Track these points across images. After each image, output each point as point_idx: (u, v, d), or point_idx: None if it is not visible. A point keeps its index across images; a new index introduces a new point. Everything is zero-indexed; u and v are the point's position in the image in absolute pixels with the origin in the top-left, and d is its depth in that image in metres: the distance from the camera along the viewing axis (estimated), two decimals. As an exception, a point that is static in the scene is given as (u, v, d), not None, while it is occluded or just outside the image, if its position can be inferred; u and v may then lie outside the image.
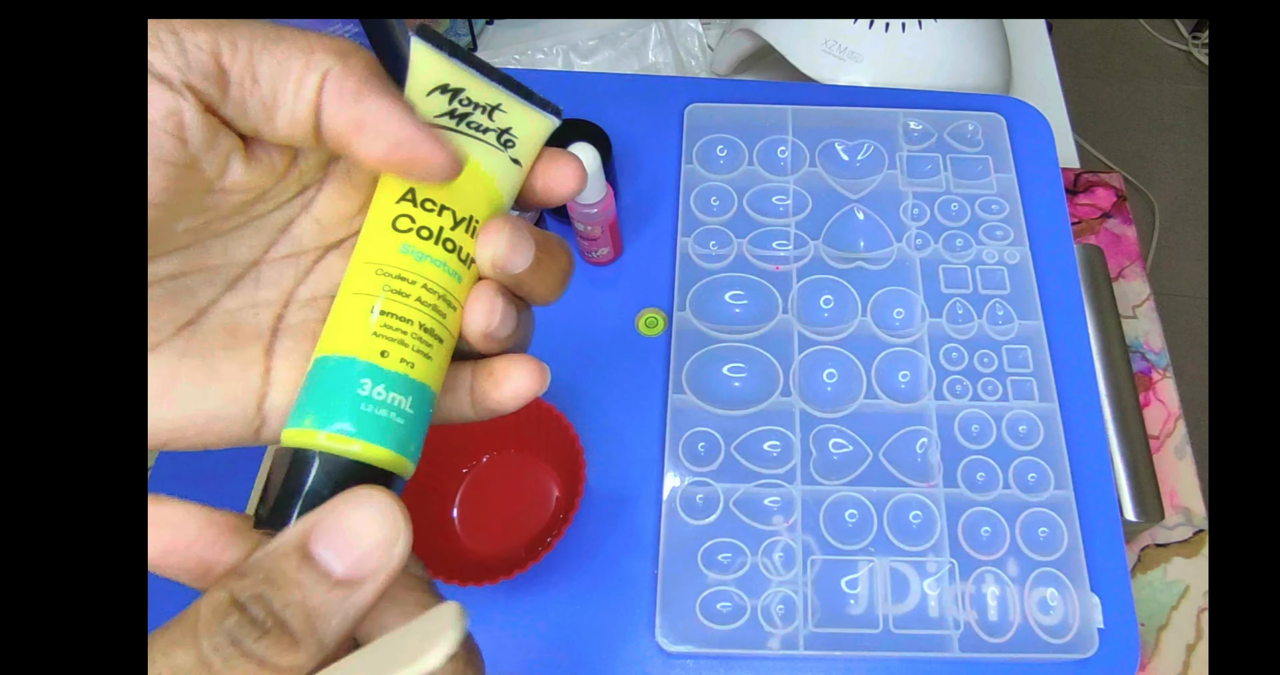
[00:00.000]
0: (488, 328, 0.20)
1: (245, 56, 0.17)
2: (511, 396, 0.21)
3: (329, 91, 0.17)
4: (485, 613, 0.42)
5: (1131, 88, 1.62)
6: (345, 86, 0.18)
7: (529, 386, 0.21)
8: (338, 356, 0.18)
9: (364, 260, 0.19)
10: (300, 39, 0.17)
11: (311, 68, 0.17)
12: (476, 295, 0.20)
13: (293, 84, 0.17)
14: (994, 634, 0.41)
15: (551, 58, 0.66)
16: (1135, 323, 0.57)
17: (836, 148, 0.54)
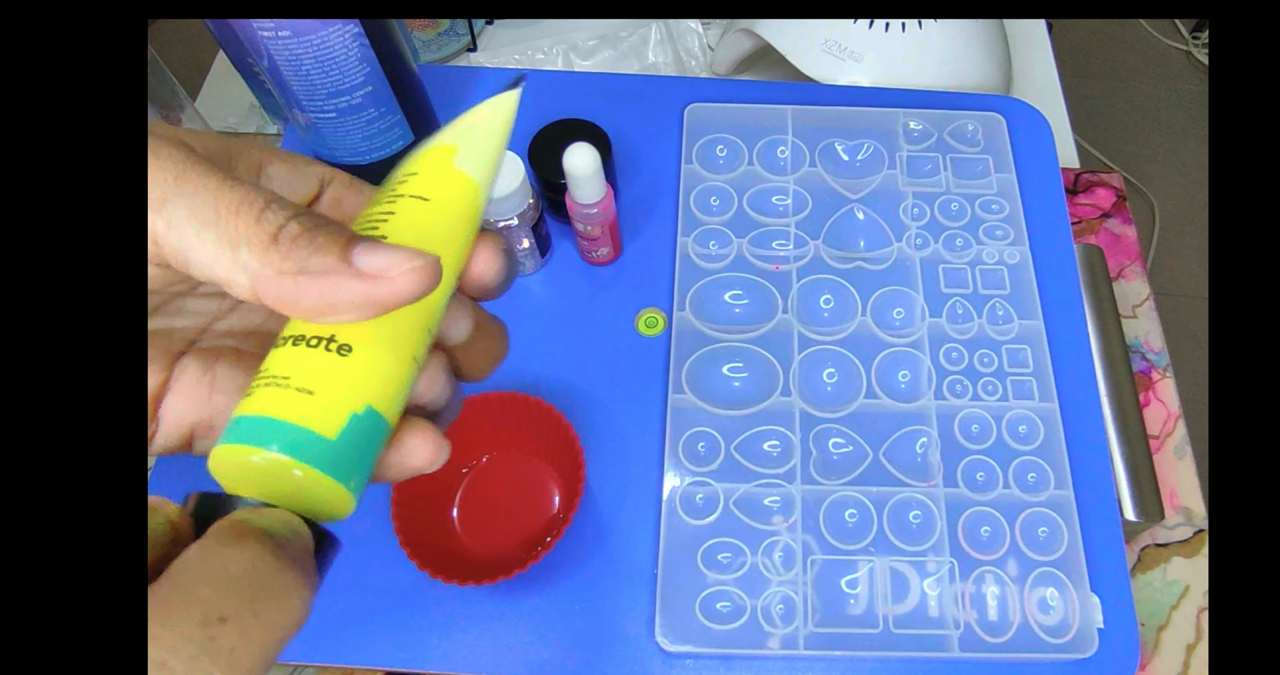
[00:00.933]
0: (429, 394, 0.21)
1: (174, 235, 0.17)
2: (405, 467, 0.20)
3: (266, 292, 0.17)
4: (485, 613, 0.42)
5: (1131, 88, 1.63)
6: (280, 283, 0.17)
7: (425, 457, 0.20)
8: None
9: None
10: (228, 228, 0.17)
11: (240, 267, 0.17)
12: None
13: (223, 275, 0.17)
14: (994, 634, 0.41)
15: (551, 58, 0.66)
16: (1135, 323, 0.57)
17: (836, 148, 0.54)
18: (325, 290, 0.17)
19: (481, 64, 0.65)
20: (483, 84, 0.56)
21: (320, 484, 0.18)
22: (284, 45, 0.41)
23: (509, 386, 0.43)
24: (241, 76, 0.48)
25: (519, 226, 0.46)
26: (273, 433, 0.17)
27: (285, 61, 0.41)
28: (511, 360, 0.49)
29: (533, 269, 0.50)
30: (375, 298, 0.17)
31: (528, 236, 0.47)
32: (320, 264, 0.17)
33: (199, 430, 0.21)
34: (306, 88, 0.43)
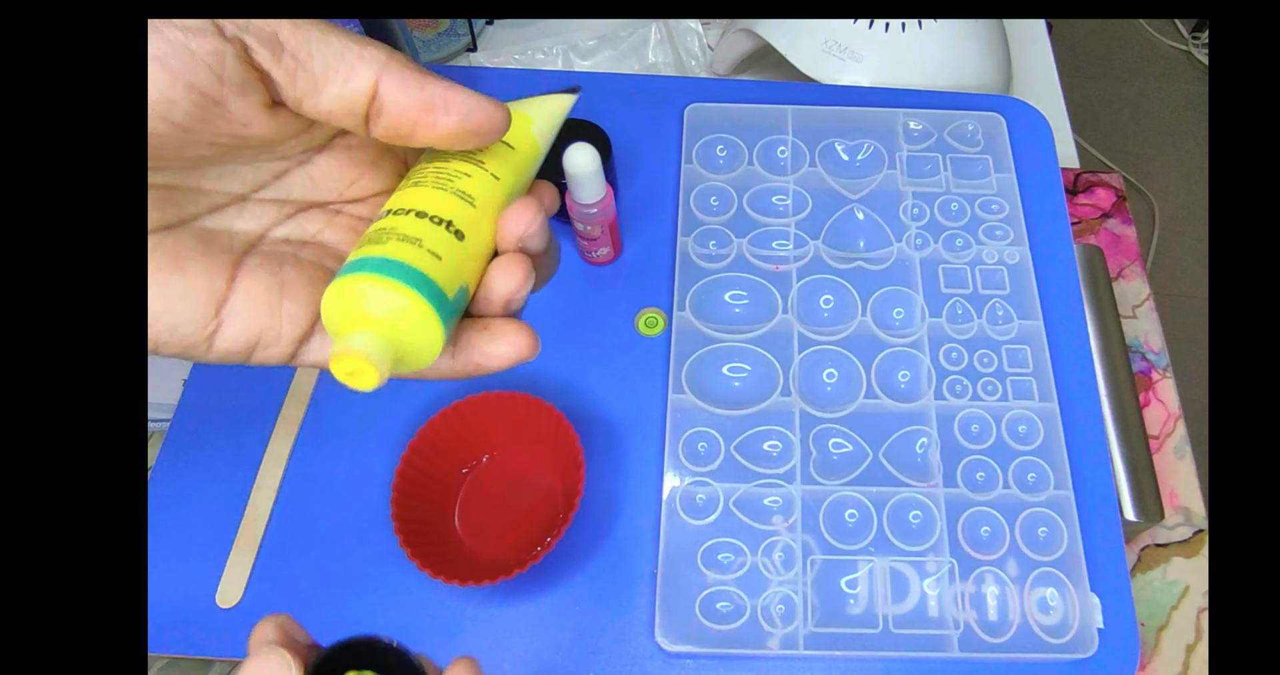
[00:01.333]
0: (524, 233, 0.22)
1: (303, 37, 0.19)
2: (502, 355, 0.22)
3: (389, 82, 0.20)
4: (485, 613, 0.42)
5: (1131, 88, 1.63)
6: (406, 76, 0.20)
7: (521, 350, 0.22)
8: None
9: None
10: (354, 36, 0.20)
11: (365, 60, 0.19)
12: (516, 207, 0.22)
13: (345, 70, 0.19)
14: (994, 634, 0.41)
15: (551, 58, 0.66)
16: (1135, 323, 0.57)
17: (836, 148, 0.54)
18: (440, 94, 0.20)
19: (481, 64, 0.65)
20: (483, 84, 0.56)
21: (429, 329, 0.20)
22: (284, 45, 0.40)
23: (509, 386, 0.44)
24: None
25: (519, 226, 0.46)
26: (407, 274, 0.20)
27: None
28: (511, 360, 0.49)
29: (533, 269, 0.50)
30: (478, 123, 0.20)
31: (528, 236, 0.47)
32: (435, 78, 0.20)
33: (266, 337, 0.21)
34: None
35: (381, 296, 0.20)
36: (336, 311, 0.20)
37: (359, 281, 0.20)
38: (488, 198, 0.22)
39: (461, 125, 0.21)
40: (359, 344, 0.19)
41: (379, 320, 0.20)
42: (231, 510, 0.44)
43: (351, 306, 0.20)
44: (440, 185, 0.22)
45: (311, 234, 0.23)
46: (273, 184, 0.23)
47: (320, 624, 0.42)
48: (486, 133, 0.21)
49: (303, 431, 0.46)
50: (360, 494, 0.44)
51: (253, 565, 0.42)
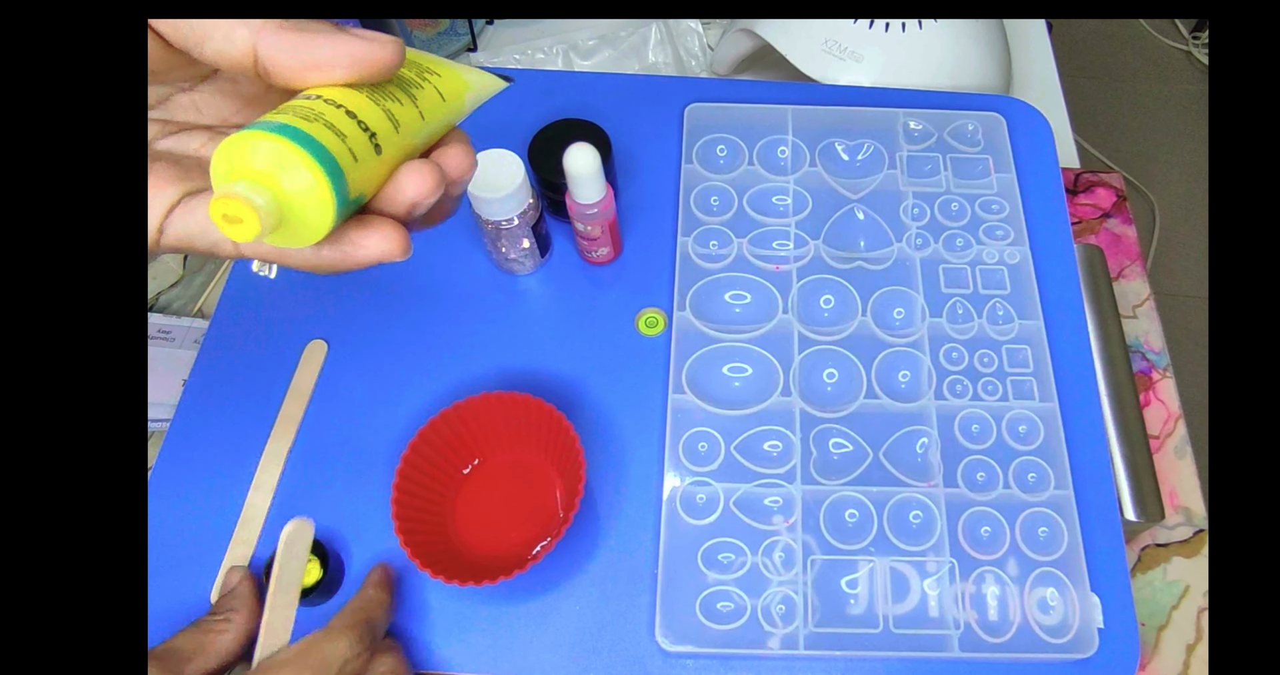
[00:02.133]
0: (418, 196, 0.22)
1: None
2: (371, 246, 0.22)
3: (267, 46, 0.20)
4: (485, 613, 0.42)
5: (1131, 88, 1.63)
6: (285, 39, 0.20)
7: (392, 245, 0.22)
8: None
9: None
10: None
11: (243, 22, 0.20)
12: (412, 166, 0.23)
13: (222, 30, 0.20)
14: (994, 634, 0.41)
15: (551, 58, 0.66)
16: (1135, 323, 0.57)
17: (836, 148, 0.54)
18: (328, 44, 0.20)
19: (481, 64, 0.65)
20: (483, 84, 0.56)
21: (322, 206, 0.20)
22: (284, 45, 0.40)
23: (509, 386, 0.44)
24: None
25: (519, 226, 0.46)
26: (319, 152, 0.19)
27: (285, 61, 0.41)
28: (512, 360, 0.49)
29: (532, 269, 0.50)
30: (367, 55, 0.21)
31: (527, 236, 0.47)
32: (318, 28, 0.20)
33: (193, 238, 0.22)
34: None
35: (283, 157, 0.19)
36: (228, 161, 0.19)
37: (265, 138, 0.19)
38: (410, 129, 0.23)
39: (350, 75, 0.21)
40: (244, 189, 0.19)
41: (271, 176, 0.19)
42: (230, 510, 0.44)
43: (247, 160, 0.19)
44: (374, 99, 0.22)
45: (194, 149, 0.24)
46: (157, 107, 0.24)
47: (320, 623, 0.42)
48: (381, 72, 0.21)
49: (302, 431, 0.46)
50: (359, 494, 0.44)
51: (249, 565, 0.42)
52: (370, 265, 0.22)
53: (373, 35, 0.21)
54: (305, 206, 0.20)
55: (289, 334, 0.48)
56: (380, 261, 0.22)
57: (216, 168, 0.19)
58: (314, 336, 0.48)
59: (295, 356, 0.48)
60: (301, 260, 0.22)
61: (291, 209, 0.19)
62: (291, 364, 0.48)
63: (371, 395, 0.47)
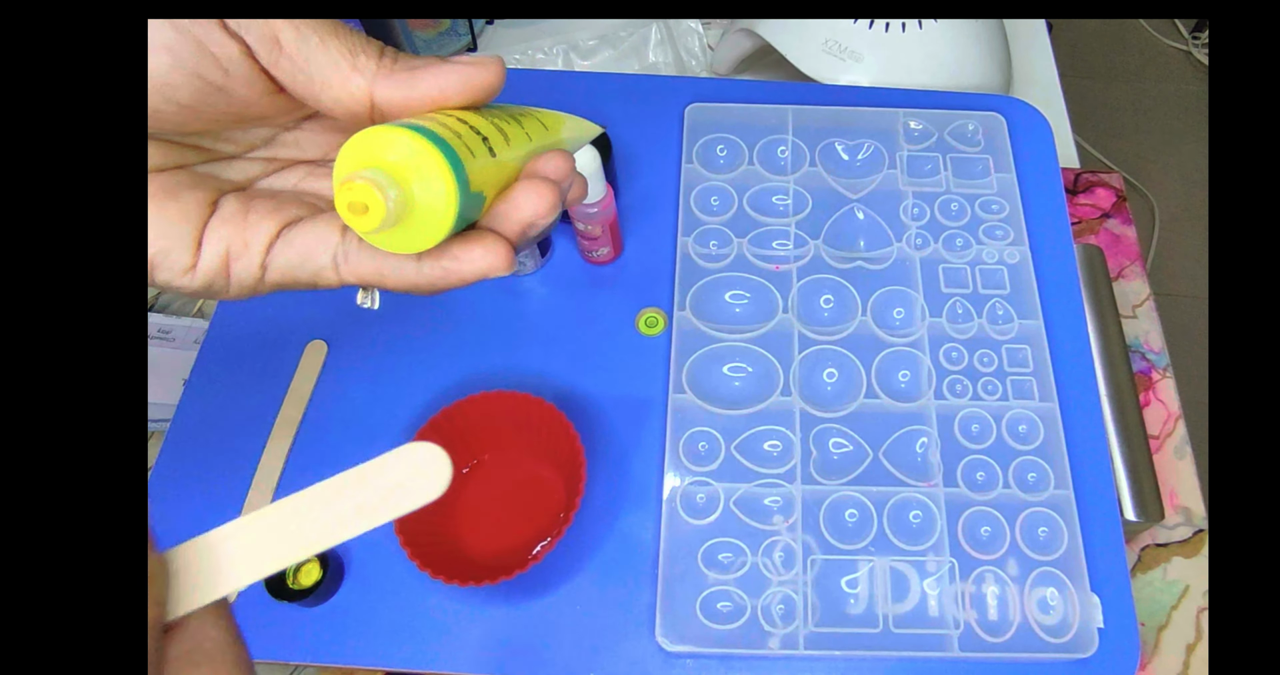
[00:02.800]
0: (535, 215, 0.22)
1: (300, 42, 0.20)
2: (475, 259, 0.21)
3: (382, 89, 0.21)
4: (485, 613, 0.42)
5: (1131, 88, 1.63)
6: (398, 80, 0.21)
7: (497, 259, 0.22)
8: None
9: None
10: (351, 39, 0.21)
11: (359, 70, 0.21)
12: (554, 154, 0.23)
13: (338, 80, 0.21)
14: (994, 634, 0.41)
15: (551, 58, 0.66)
16: (1135, 323, 0.57)
17: (836, 147, 0.54)
18: (433, 75, 0.21)
19: (481, 64, 0.65)
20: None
21: (445, 197, 0.20)
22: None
23: (509, 386, 0.44)
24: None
25: (519, 226, 0.46)
26: (439, 142, 0.19)
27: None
28: (512, 360, 0.49)
29: (533, 269, 0.50)
30: (473, 78, 0.21)
31: (528, 236, 0.47)
32: (424, 62, 0.21)
33: (234, 250, 0.22)
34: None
35: (409, 146, 0.19)
36: (354, 155, 0.20)
37: (390, 131, 0.19)
38: (518, 143, 0.23)
39: (461, 99, 0.22)
40: (374, 174, 0.19)
41: (395, 165, 0.19)
42: (230, 510, 0.44)
43: (374, 152, 0.19)
44: (483, 115, 0.22)
45: (293, 183, 0.25)
46: (262, 147, 0.24)
47: (320, 624, 0.42)
48: (488, 90, 0.22)
49: (301, 431, 0.46)
50: (360, 494, 0.44)
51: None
52: (472, 281, 0.22)
53: (475, 59, 0.22)
54: (429, 195, 0.19)
55: (289, 334, 0.48)
56: (484, 276, 0.22)
57: (342, 162, 0.20)
58: (314, 336, 0.48)
59: (295, 356, 0.48)
60: (401, 279, 0.22)
61: (415, 200, 0.19)
62: (291, 364, 0.48)
63: (371, 395, 0.47)
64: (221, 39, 0.20)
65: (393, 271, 0.22)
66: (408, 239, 0.20)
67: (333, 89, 0.21)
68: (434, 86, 0.21)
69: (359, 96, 0.21)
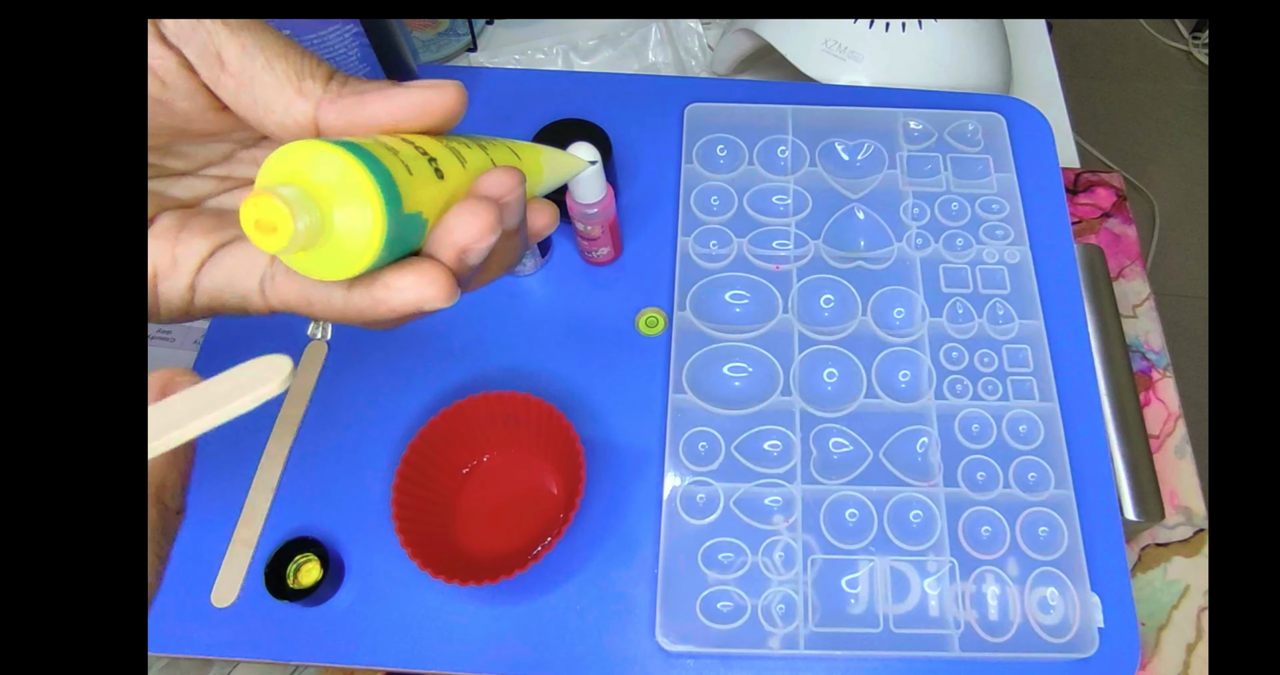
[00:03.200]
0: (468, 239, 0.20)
1: (245, 63, 0.19)
2: (406, 289, 0.19)
3: (328, 113, 0.20)
4: (485, 613, 0.42)
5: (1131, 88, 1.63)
6: (345, 104, 0.20)
7: (431, 289, 0.19)
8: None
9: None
10: (299, 59, 0.20)
11: (304, 94, 0.20)
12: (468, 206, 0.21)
13: (283, 104, 0.20)
14: (994, 633, 0.41)
15: (551, 58, 0.66)
16: (1135, 323, 0.57)
17: (836, 147, 0.54)
18: (384, 100, 0.20)
19: (481, 64, 0.65)
20: (483, 84, 0.56)
21: (369, 221, 0.18)
22: (284, 45, 0.40)
23: (509, 386, 0.44)
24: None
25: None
26: (368, 158, 0.18)
27: (285, 61, 0.41)
28: (512, 360, 0.49)
29: (533, 269, 0.50)
30: (428, 103, 0.20)
31: (528, 236, 0.47)
32: (375, 87, 0.20)
33: (161, 268, 0.21)
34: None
35: (332, 162, 0.18)
36: (275, 168, 0.18)
37: (314, 146, 0.18)
38: (478, 168, 0.21)
39: (416, 125, 0.20)
40: (286, 191, 0.17)
41: (316, 183, 0.18)
42: (229, 510, 0.44)
43: (290, 168, 0.18)
44: (439, 140, 0.21)
45: (236, 203, 0.23)
46: (219, 164, 0.23)
47: (320, 622, 0.42)
48: (445, 116, 0.20)
49: (301, 431, 0.46)
50: (360, 494, 0.44)
51: (248, 565, 0.42)
52: (407, 315, 0.20)
53: (431, 83, 0.20)
54: (351, 217, 0.18)
55: (289, 334, 0.48)
56: (419, 309, 0.19)
57: (262, 176, 0.18)
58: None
59: (295, 356, 0.48)
60: (329, 307, 0.20)
61: (334, 220, 0.18)
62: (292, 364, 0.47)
63: (371, 395, 0.47)
64: (158, 49, 0.19)
65: (320, 299, 0.20)
66: (329, 264, 0.18)
67: (276, 113, 0.20)
68: (382, 111, 0.20)
69: (303, 122, 0.20)
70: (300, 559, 0.41)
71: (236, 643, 0.41)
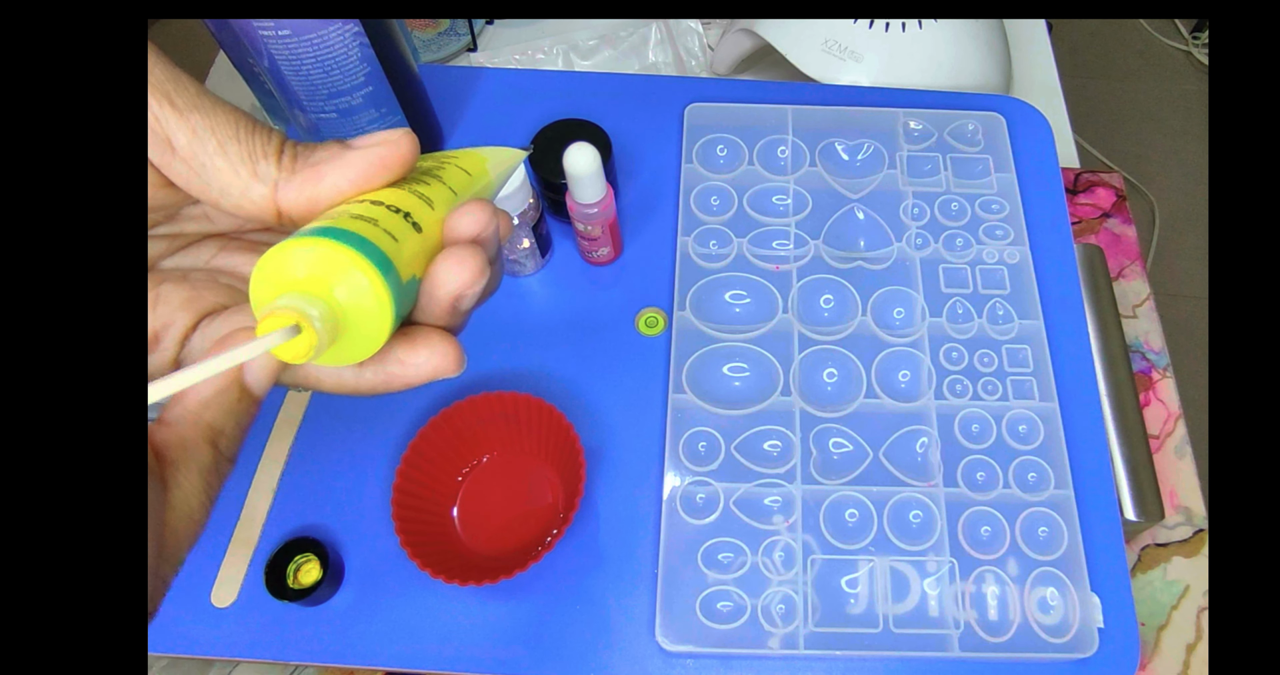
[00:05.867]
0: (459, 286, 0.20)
1: (197, 149, 0.19)
2: (421, 364, 0.20)
3: (286, 192, 0.19)
4: (485, 613, 0.42)
5: (1131, 88, 1.62)
6: (303, 178, 0.19)
7: (445, 361, 0.20)
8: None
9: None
10: (252, 136, 0.19)
11: (260, 178, 0.19)
12: (471, 204, 0.21)
13: (239, 190, 0.19)
14: (994, 633, 0.41)
15: (551, 58, 0.66)
16: (1135, 323, 0.57)
17: (836, 147, 0.54)
18: (340, 169, 0.19)
19: (481, 64, 0.65)
20: (482, 84, 0.56)
21: (378, 306, 0.18)
22: (284, 45, 0.41)
23: (509, 387, 0.44)
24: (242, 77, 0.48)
25: (519, 227, 0.46)
26: (358, 242, 0.18)
27: (285, 61, 0.41)
28: (512, 360, 0.49)
29: (533, 269, 0.50)
30: (384, 160, 0.20)
31: (528, 236, 0.47)
32: (327, 154, 0.20)
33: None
34: (307, 88, 0.43)
35: (326, 259, 0.17)
36: (267, 280, 0.18)
37: (299, 245, 0.17)
38: (445, 207, 0.21)
39: (376, 184, 0.20)
40: (292, 300, 0.17)
41: (318, 281, 0.17)
42: (229, 510, 0.44)
43: (286, 274, 0.17)
44: (397, 186, 0.20)
45: (205, 261, 0.22)
46: (164, 223, 0.22)
47: (320, 622, 0.42)
48: (401, 167, 0.20)
49: (301, 431, 0.46)
50: (360, 494, 0.44)
51: (248, 565, 0.42)
52: (418, 385, 0.20)
53: (381, 137, 0.20)
54: (361, 307, 0.18)
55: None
56: (431, 379, 0.20)
57: (256, 289, 0.18)
58: (314, 336, 0.48)
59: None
60: (338, 383, 0.20)
61: (346, 314, 0.18)
62: (291, 364, 0.48)
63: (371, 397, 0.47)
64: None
65: (329, 378, 0.20)
66: (346, 352, 0.19)
67: (233, 197, 0.19)
68: (342, 180, 0.19)
69: (262, 204, 0.19)
70: (300, 559, 0.41)
71: (236, 643, 0.41)
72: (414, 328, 0.20)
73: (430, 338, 0.20)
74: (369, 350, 0.19)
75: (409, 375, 0.20)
